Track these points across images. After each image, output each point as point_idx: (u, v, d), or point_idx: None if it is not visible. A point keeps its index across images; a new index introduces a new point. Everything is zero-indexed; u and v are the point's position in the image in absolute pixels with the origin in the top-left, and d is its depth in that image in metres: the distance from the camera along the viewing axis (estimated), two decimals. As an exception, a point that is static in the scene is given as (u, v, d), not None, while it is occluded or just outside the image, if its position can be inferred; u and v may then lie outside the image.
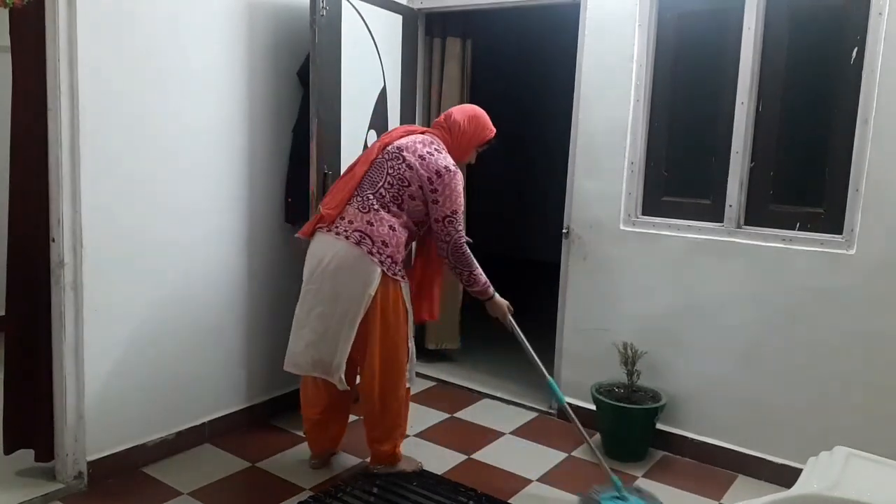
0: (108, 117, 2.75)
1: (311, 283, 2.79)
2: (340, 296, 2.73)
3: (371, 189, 2.79)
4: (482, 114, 3.06)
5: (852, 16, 2.84)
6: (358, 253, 2.71)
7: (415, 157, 2.80)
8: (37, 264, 2.71)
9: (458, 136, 2.97)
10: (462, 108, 3.06)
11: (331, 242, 2.75)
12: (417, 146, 2.83)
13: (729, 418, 3.19)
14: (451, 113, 3.01)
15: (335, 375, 2.79)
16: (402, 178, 2.78)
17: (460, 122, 2.97)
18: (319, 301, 2.77)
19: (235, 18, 3.20)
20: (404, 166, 2.79)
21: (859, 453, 1.82)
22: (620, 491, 2.84)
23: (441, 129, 2.98)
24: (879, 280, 2.81)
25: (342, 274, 2.72)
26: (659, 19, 3.28)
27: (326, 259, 2.74)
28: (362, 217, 2.75)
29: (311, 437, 3.08)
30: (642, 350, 3.28)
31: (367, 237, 2.72)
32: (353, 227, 2.74)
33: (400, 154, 2.81)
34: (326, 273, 2.74)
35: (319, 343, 2.78)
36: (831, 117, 2.94)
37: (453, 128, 2.96)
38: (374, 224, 2.74)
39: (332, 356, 2.77)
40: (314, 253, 2.81)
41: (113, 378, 2.90)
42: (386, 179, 2.79)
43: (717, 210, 3.20)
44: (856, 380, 2.89)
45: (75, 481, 2.81)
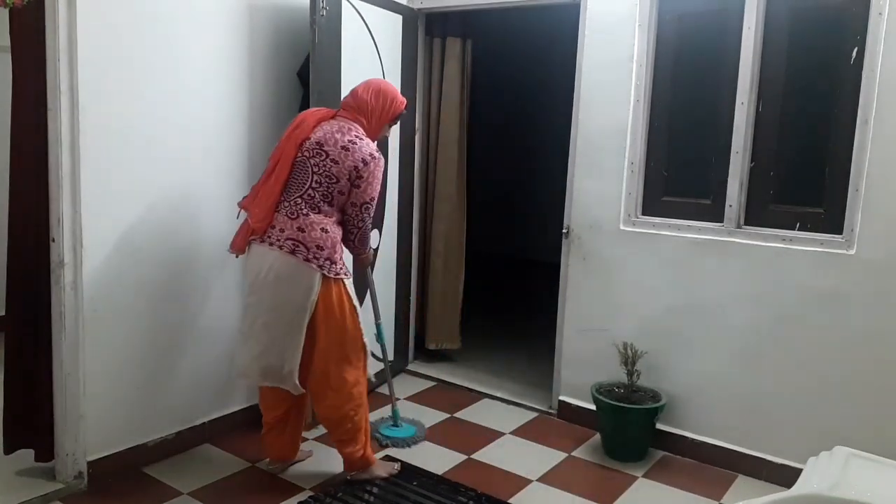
0: (108, 117, 2.75)
1: (252, 295, 2.76)
2: (283, 305, 2.70)
3: (298, 192, 2.72)
4: (389, 86, 2.93)
5: (852, 16, 2.84)
6: (294, 261, 2.66)
7: (337, 150, 2.71)
8: (37, 264, 2.71)
9: (368, 115, 2.85)
10: (366, 84, 2.90)
11: (265, 253, 2.70)
12: (337, 136, 2.74)
13: (729, 418, 3.19)
14: (356, 91, 2.87)
15: (288, 382, 2.75)
16: (329, 176, 2.71)
17: (368, 99, 2.84)
18: (261, 312, 2.73)
19: (236, 18, 3.21)
20: (329, 162, 2.71)
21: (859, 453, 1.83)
22: (397, 419, 3.38)
23: (352, 112, 2.85)
24: (879, 280, 2.82)
25: (281, 284, 2.68)
26: (659, 19, 3.28)
27: (264, 271, 2.70)
28: (292, 224, 2.69)
29: (268, 441, 3.01)
30: (642, 350, 3.28)
31: (300, 244, 2.67)
32: (285, 235, 2.68)
33: (321, 150, 2.72)
34: (266, 284, 2.70)
35: (267, 353, 2.74)
36: (831, 117, 2.94)
37: (363, 107, 2.84)
38: (305, 230, 2.68)
39: (281, 363, 2.73)
40: (251, 265, 2.76)
41: (113, 378, 2.90)
42: (312, 178, 2.72)
43: (717, 210, 3.21)
44: (856, 380, 2.89)
45: (75, 481, 2.81)
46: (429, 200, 4.34)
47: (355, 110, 2.85)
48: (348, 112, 2.86)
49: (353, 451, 2.92)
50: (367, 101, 2.84)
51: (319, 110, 2.91)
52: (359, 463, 2.94)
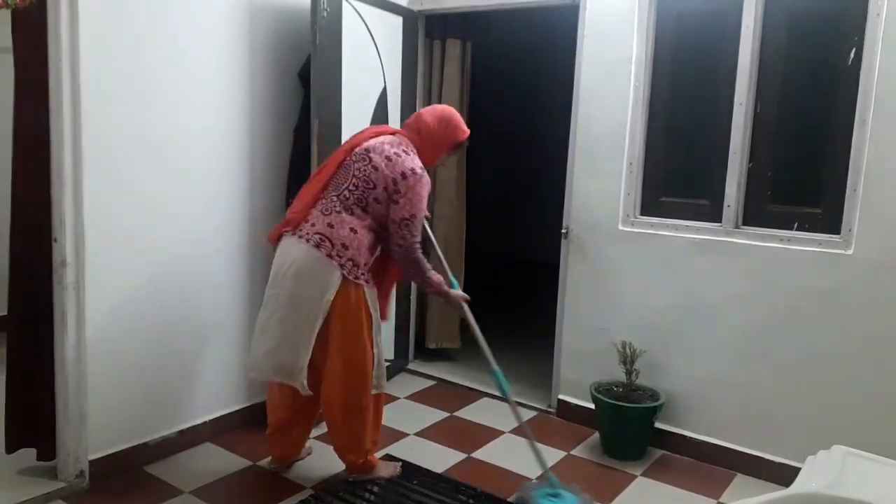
0: (110, 118, 2.76)
1: (273, 288, 2.75)
2: (300, 300, 2.69)
3: (335, 191, 2.74)
4: (454, 114, 2.93)
5: (850, 17, 2.85)
6: (316, 255, 2.65)
7: (381, 158, 2.72)
8: (39, 264, 2.72)
9: (427, 139, 2.86)
10: (433, 109, 2.95)
11: (293, 246, 2.71)
12: (385, 147, 2.76)
13: (727, 417, 3.20)
14: (422, 114, 2.91)
15: (297, 379, 2.73)
16: (367, 180, 2.72)
17: (430, 123, 2.86)
18: (280, 306, 2.72)
19: (237, 19, 3.21)
20: (370, 167, 2.72)
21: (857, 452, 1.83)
22: (555, 486, 2.83)
23: (410, 131, 2.89)
24: (877, 280, 2.83)
25: (301, 277, 2.68)
26: (657, 20, 3.29)
27: (287, 263, 2.70)
28: (324, 219, 2.70)
29: (273, 441, 2.99)
30: (641, 349, 3.30)
31: (326, 239, 2.66)
32: (315, 229, 2.69)
33: (367, 155, 2.74)
34: (287, 277, 2.70)
35: (280, 348, 2.73)
36: (829, 118, 2.95)
37: (423, 129, 2.86)
38: (334, 226, 2.68)
39: (293, 360, 2.71)
40: (278, 257, 2.77)
41: (114, 377, 2.91)
42: (351, 181, 2.73)
43: (715, 210, 3.22)
44: (853, 379, 2.90)
45: (77, 480, 2.82)
46: (429, 201, 4.33)
47: (415, 131, 2.88)
48: (407, 131, 2.90)
49: (354, 459, 2.91)
50: (429, 123, 2.86)
51: (384, 126, 2.99)
52: (360, 469, 2.94)
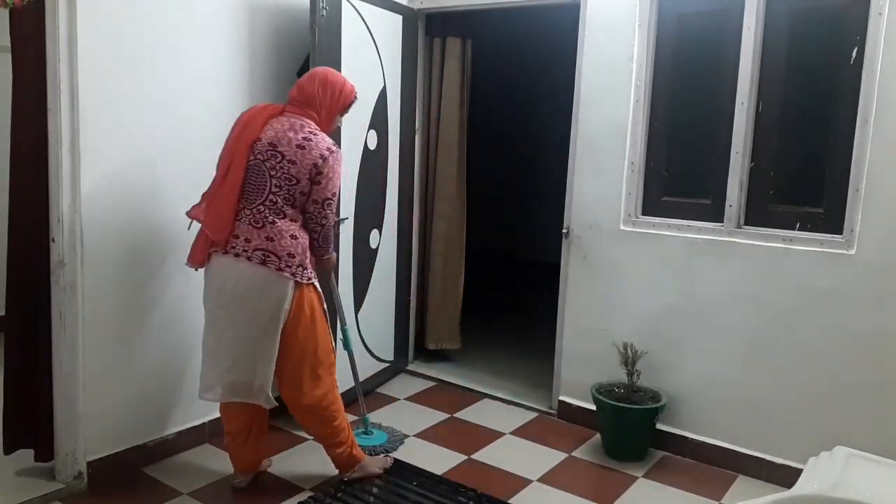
0: (108, 117, 2.75)
1: (219, 308, 2.64)
2: (254, 317, 2.60)
3: (259, 198, 2.59)
4: (336, 76, 2.77)
5: (852, 16, 2.84)
6: (264, 272, 2.56)
7: (293, 150, 2.58)
8: (37, 264, 2.72)
9: (318, 108, 2.70)
10: (311, 76, 2.75)
11: (231, 265, 2.59)
12: (290, 135, 2.60)
13: (729, 418, 3.19)
14: (301, 85, 2.72)
15: (260, 397, 2.67)
16: (288, 178, 2.59)
17: (315, 92, 2.69)
18: (229, 325, 2.63)
19: (236, 19, 3.21)
20: (286, 163, 2.58)
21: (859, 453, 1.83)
22: (367, 427, 3.31)
23: (299, 105, 2.69)
24: (879, 280, 2.81)
25: (252, 296, 2.58)
26: (659, 19, 3.28)
27: (231, 282, 2.59)
28: (259, 233, 2.58)
29: (232, 453, 2.90)
30: (642, 350, 3.28)
31: (271, 254, 2.57)
32: (253, 245, 2.57)
33: (276, 151, 2.59)
34: (235, 296, 2.59)
35: (236, 367, 2.65)
36: (831, 117, 2.94)
37: (311, 100, 2.69)
38: (274, 239, 2.58)
39: (251, 378, 2.65)
40: (216, 276, 2.64)
41: (112, 378, 2.90)
42: (271, 183, 2.59)
43: (717, 210, 3.21)
44: (856, 380, 2.89)
45: (75, 481, 2.81)
46: (429, 200, 4.34)
47: (304, 104, 2.70)
48: (296, 107, 2.70)
49: (340, 452, 2.91)
50: (315, 93, 2.69)
51: (267, 107, 2.74)
52: (347, 462, 2.93)
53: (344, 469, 2.96)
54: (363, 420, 3.32)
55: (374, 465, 3.01)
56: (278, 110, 2.70)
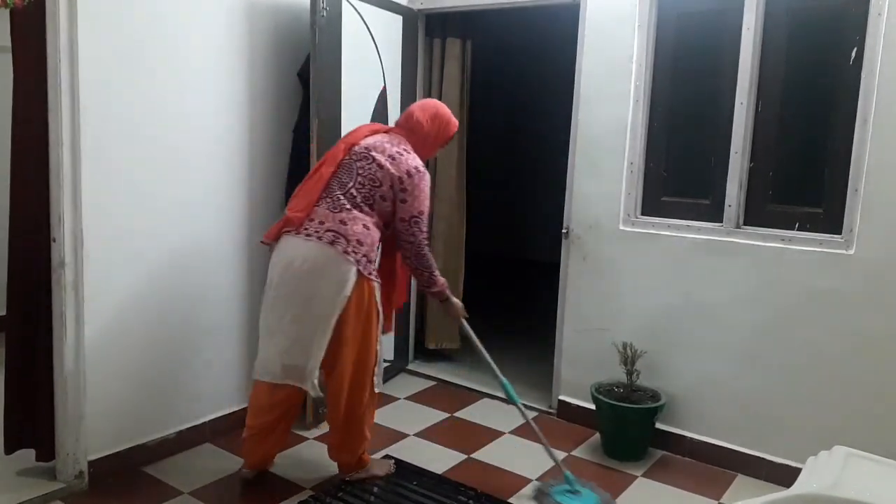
0: (109, 117, 2.75)
1: (282, 287, 2.69)
2: (314, 298, 2.64)
3: (341, 190, 2.72)
4: (444, 110, 2.96)
5: (851, 16, 2.84)
6: (332, 253, 2.62)
7: (384, 157, 2.73)
8: (38, 264, 2.72)
9: (421, 137, 2.88)
10: (423, 107, 2.94)
11: (300, 244, 2.66)
12: (386, 146, 2.77)
13: (728, 418, 3.20)
14: (413, 112, 2.91)
15: (307, 381, 2.69)
16: (373, 178, 2.72)
17: (423, 123, 2.88)
18: (292, 305, 2.67)
19: (236, 19, 3.21)
20: (375, 166, 2.72)
21: (858, 453, 1.83)
22: (573, 484, 2.88)
23: (404, 130, 2.89)
24: (878, 280, 2.82)
25: (316, 275, 2.63)
26: (658, 20, 3.29)
27: (297, 261, 2.64)
28: (334, 216, 2.67)
29: (250, 447, 2.90)
30: (642, 350, 3.29)
31: (341, 237, 2.64)
32: (325, 227, 2.65)
33: (369, 154, 2.74)
34: (299, 275, 2.64)
35: (292, 349, 2.68)
36: (830, 117, 2.94)
37: (416, 129, 2.88)
38: (347, 223, 2.66)
39: (305, 361, 2.67)
40: (282, 256, 2.70)
41: (113, 378, 2.90)
42: (356, 180, 2.72)
43: (716, 210, 3.21)
44: (855, 379, 2.90)
45: (76, 481, 2.82)
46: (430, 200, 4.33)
47: (408, 129, 2.89)
48: (401, 130, 2.90)
49: (350, 457, 2.91)
50: (422, 123, 2.88)
51: (376, 125, 2.99)
52: (354, 466, 2.94)
53: (348, 471, 2.96)
54: (565, 477, 2.91)
55: (379, 468, 3.00)
56: (385, 129, 2.94)
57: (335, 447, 2.93)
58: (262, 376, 2.78)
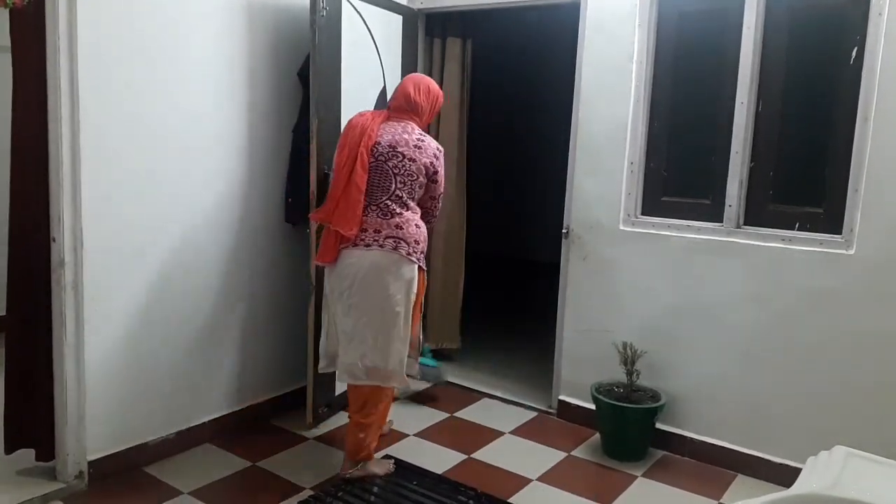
0: (108, 117, 2.75)
1: (355, 296, 2.80)
2: (387, 301, 2.79)
3: (385, 195, 2.82)
4: (433, 84, 3.05)
5: (852, 16, 2.84)
6: (396, 258, 2.78)
7: (412, 150, 2.84)
8: (37, 264, 2.72)
9: (423, 115, 2.99)
10: (416, 86, 2.98)
11: (364, 254, 2.78)
12: (405, 137, 2.86)
13: (728, 418, 3.20)
14: (409, 93, 2.95)
15: (394, 380, 2.87)
16: (410, 174, 2.83)
17: (420, 101, 2.95)
18: (365, 310, 2.80)
19: (236, 19, 3.21)
20: (407, 162, 2.82)
21: (858, 453, 1.82)
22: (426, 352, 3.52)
23: (405, 112, 2.95)
24: (879, 280, 2.82)
25: (385, 280, 2.77)
26: (659, 19, 3.28)
27: (363, 271, 2.77)
28: (388, 223, 2.79)
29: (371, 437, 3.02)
30: (642, 350, 3.29)
31: (401, 241, 2.79)
32: (384, 234, 2.78)
33: (396, 152, 2.83)
34: (368, 283, 2.77)
35: (372, 353, 2.81)
36: (831, 117, 2.94)
37: (417, 109, 2.95)
38: (403, 227, 2.80)
39: (385, 363, 2.82)
40: (346, 267, 2.80)
41: (113, 378, 2.90)
42: (396, 181, 2.82)
43: (716, 210, 3.21)
44: (855, 379, 2.90)
45: (76, 481, 2.82)
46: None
47: (410, 112, 2.95)
48: (402, 113, 2.95)
49: (363, 439, 2.94)
50: (420, 102, 2.95)
51: (375, 113, 2.97)
52: (363, 451, 2.95)
53: (355, 455, 2.96)
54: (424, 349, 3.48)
55: (378, 467, 3.02)
56: (384, 115, 2.97)
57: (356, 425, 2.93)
58: (343, 378, 2.94)
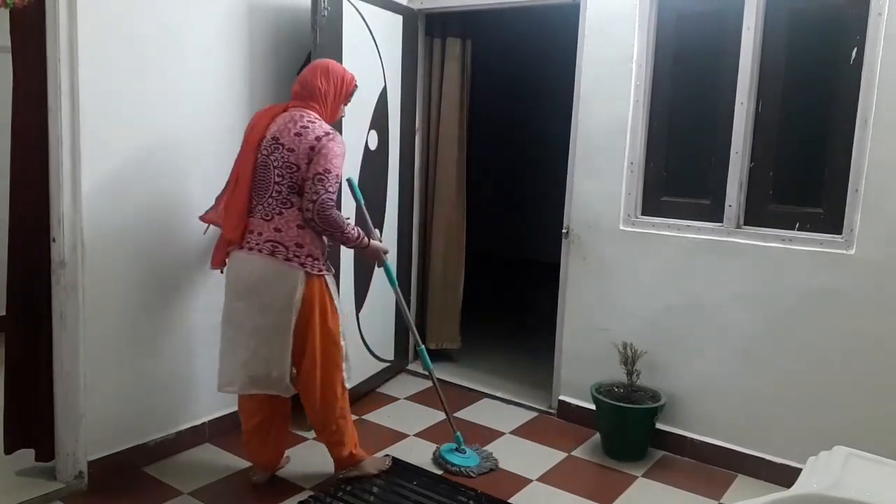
0: (108, 117, 2.75)
1: (237, 301, 2.72)
2: (268, 308, 2.67)
3: (266, 192, 2.67)
4: (336, 66, 2.83)
5: (852, 16, 2.84)
6: (274, 263, 2.64)
7: (291, 138, 2.65)
8: (37, 264, 2.72)
9: (322, 100, 2.76)
10: (312, 68, 2.80)
11: (246, 258, 2.68)
12: (289, 126, 2.67)
13: (728, 418, 3.19)
14: (304, 78, 2.77)
15: (279, 386, 2.73)
16: (289, 165, 2.64)
17: (318, 84, 2.75)
18: (248, 317, 2.70)
19: (236, 19, 3.21)
20: (286, 152, 2.64)
21: (859, 453, 1.82)
22: (460, 444, 3.18)
23: (302, 100, 2.77)
24: (878, 280, 2.82)
25: (264, 286, 2.66)
26: (659, 19, 3.28)
27: (245, 274, 2.68)
28: (268, 226, 2.66)
29: (251, 450, 2.94)
30: (642, 350, 3.29)
31: (279, 245, 2.64)
32: (263, 238, 2.66)
33: (277, 143, 2.67)
34: (249, 288, 2.68)
35: (254, 359, 2.71)
36: (831, 117, 2.94)
37: (314, 93, 2.75)
38: (281, 229, 2.65)
39: (269, 369, 2.70)
40: (233, 272, 2.74)
41: (113, 378, 2.90)
42: (274, 174, 2.65)
43: (716, 210, 3.21)
44: (855, 379, 2.89)
45: (76, 481, 2.82)
46: (429, 200, 4.34)
47: (307, 97, 2.76)
48: (300, 101, 2.77)
49: (341, 452, 2.92)
50: (318, 85, 2.75)
51: (272, 107, 2.83)
52: (347, 461, 2.95)
53: (341, 467, 2.97)
54: (455, 437, 3.19)
55: (373, 465, 3.01)
56: (283, 107, 2.78)
57: (326, 443, 2.94)
58: (223, 388, 2.81)
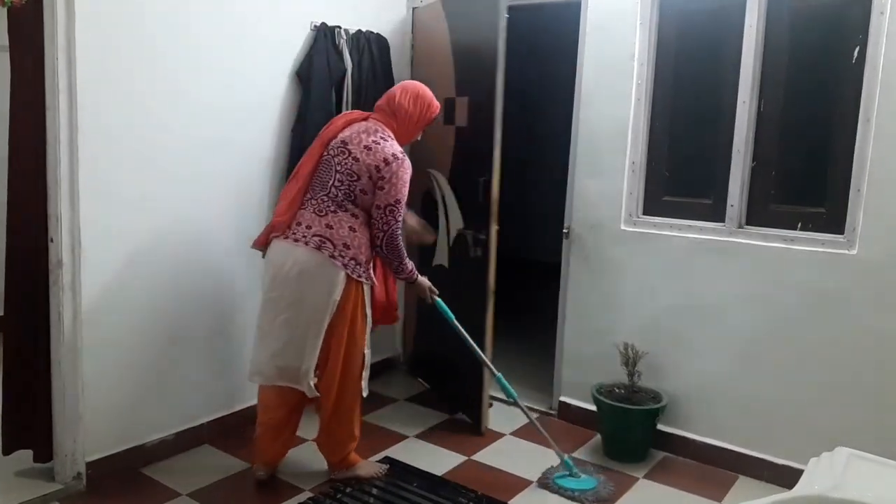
0: (106, 117, 2.74)
1: (273, 291, 2.73)
2: (305, 302, 2.68)
3: (322, 190, 2.72)
4: (426, 91, 2.89)
5: (854, 15, 2.83)
6: (319, 257, 2.65)
7: (360, 149, 2.71)
8: (35, 265, 2.71)
9: (403, 120, 2.84)
10: (404, 88, 2.88)
11: (289, 249, 2.69)
12: (362, 136, 2.73)
13: (730, 419, 3.18)
14: (394, 95, 2.85)
15: (303, 382, 2.74)
16: (350, 173, 2.70)
17: (405, 105, 2.82)
18: (283, 308, 2.71)
19: (235, 18, 3.19)
20: (350, 160, 2.70)
21: (861, 454, 1.81)
22: (572, 469, 3.01)
23: (384, 114, 2.84)
24: (881, 280, 2.80)
25: (305, 279, 2.66)
26: (660, 18, 3.27)
27: (287, 265, 2.68)
28: (320, 221, 2.69)
29: (263, 444, 2.93)
30: (643, 350, 3.27)
31: (327, 241, 2.66)
32: (312, 231, 2.68)
33: (345, 148, 2.72)
34: (289, 279, 2.68)
35: (285, 351, 2.73)
36: (833, 117, 2.93)
37: (398, 112, 2.82)
38: (333, 227, 2.68)
39: (299, 363, 2.72)
40: (273, 260, 2.74)
41: (112, 379, 2.89)
42: (335, 177, 2.71)
43: (718, 210, 3.19)
44: (857, 380, 2.88)
45: (74, 482, 2.81)
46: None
47: (389, 114, 2.84)
48: (380, 115, 2.85)
49: (336, 456, 2.94)
50: (405, 106, 2.83)
51: (352, 113, 2.93)
52: (340, 465, 2.96)
53: (334, 469, 2.97)
54: (565, 464, 3.04)
55: (365, 470, 3.00)
56: (363, 116, 2.87)
57: (323, 445, 2.95)
58: (252, 377, 2.84)
